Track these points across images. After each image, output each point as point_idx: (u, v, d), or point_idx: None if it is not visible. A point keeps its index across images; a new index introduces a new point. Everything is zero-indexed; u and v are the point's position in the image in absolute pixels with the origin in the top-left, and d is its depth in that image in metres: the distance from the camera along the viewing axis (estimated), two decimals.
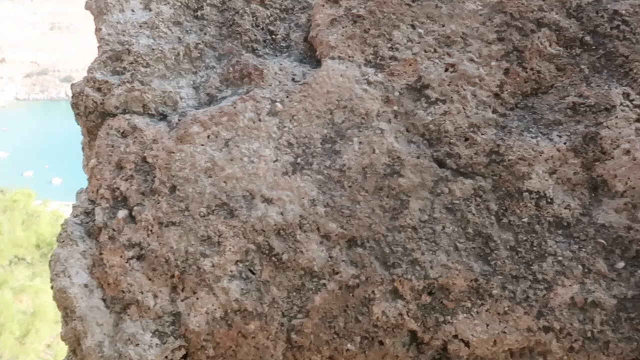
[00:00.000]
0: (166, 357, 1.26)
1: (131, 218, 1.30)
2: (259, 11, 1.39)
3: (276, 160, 1.28)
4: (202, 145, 1.29)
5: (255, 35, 1.39)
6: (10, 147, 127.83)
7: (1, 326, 8.55)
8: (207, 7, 1.41)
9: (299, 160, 1.28)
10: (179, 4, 1.41)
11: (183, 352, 1.26)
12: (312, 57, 1.37)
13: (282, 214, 1.26)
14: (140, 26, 1.38)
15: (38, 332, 8.99)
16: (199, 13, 1.41)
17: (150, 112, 1.34)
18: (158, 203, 1.28)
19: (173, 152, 1.29)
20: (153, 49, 1.36)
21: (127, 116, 1.34)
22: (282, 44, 1.39)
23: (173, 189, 1.28)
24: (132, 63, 1.35)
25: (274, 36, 1.39)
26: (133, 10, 1.40)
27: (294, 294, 1.25)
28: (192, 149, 1.29)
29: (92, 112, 1.36)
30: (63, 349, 10.82)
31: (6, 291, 9.00)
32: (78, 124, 1.43)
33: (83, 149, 1.49)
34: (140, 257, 1.28)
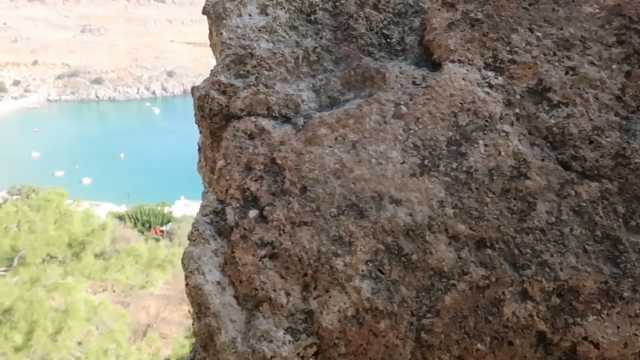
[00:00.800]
0: (298, 354, 1.29)
1: (262, 218, 1.33)
2: (373, 15, 1.41)
3: (403, 162, 1.30)
4: (330, 147, 1.32)
5: (370, 39, 1.41)
6: (42, 147, 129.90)
7: (34, 323, 8.69)
8: (320, 12, 1.44)
9: (425, 162, 1.30)
10: (293, 8, 1.44)
11: (315, 349, 1.29)
12: (428, 60, 1.39)
13: (411, 215, 1.28)
14: (260, 30, 1.41)
15: (70, 330, 9.11)
16: (312, 17, 1.44)
17: (274, 114, 1.37)
18: (289, 203, 1.31)
19: (302, 154, 1.32)
20: (274, 53, 1.39)
21: (253, 118, 1.37)
22: (397, 48, 1.41)
23: (304, 189, 1.31)
24: (255, 66, 1.38)
25: (388, 40, 1.41)
26: (250, 15, 1.44)
27: (423, 293, 1.27)
28: (320, 151, 1.32)
29: (216, 114, 1.39)
30: (94, 346, 10.95)
31: (39, 289, 9.14)
32: (199, 126, 1.46)
33: (200, 150, 1.52)
34: (272, 256, 1.31)
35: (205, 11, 1.48)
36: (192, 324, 1.36)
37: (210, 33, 1.53)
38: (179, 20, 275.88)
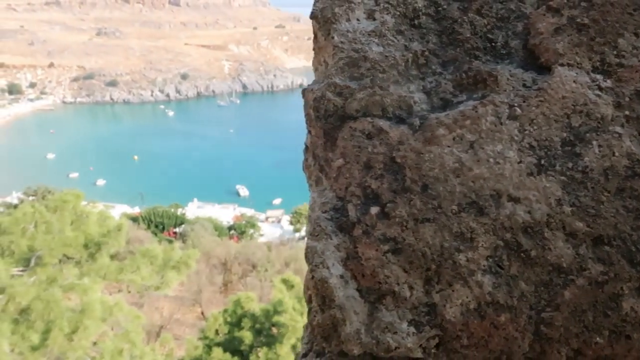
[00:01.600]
0: (421, 345, 1.34)
1: (384, 214, 1.37)
2: (477, 20, 1.46)
3: (520, 162, 1.35)
4: (449, 146, 1.37)
5: (476, 42, 1.45)
6: (57, 149, 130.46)
7: (51, 323, 8.76)
8: (423, 17, 1.48)
9: (542, 161, 1.34)
10: (398, 13, 1.48)
11: (437, 341, 1.34)
12: (533, 64, 1.43)
13: (529, 212, 1.33)
14: (369, 34, 1.46)
15: (86, 330, 9.17)
16: (416, 22, 1.48)
17: (388, 115, 1.43)
18: (411, 201, 1.36)
19: (422, 153, 1.37)
20: (386, 56, 1.44)
21: (369, 119, 1.42)
22: (502, 51, 1.45)
23: (425, 187, 1.36)
24: (369, 69, 1.44)
25: (493, 44, 1.45)
26: (358, 20, 1.48)
27: (542, 288, 1.32)
28: (439, 150, 1.37)
29: (331, 115, 1.44)
30: (109, 347, 11.01)
31: (56, 289, 9.21)
32: (309, 127, 1.51)
33: (306, 149, 1.57)
34: (395, 251, 1.36)
35: (313, 16, 1.53)
36: (312, 317, 1.41)
37: (315, 37, 1.58)
38: (193, 24, 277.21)
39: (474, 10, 1.45)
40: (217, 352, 12.50)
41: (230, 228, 57.72)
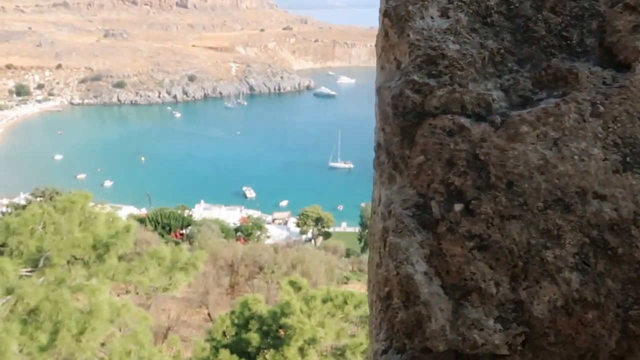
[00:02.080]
0: (507, 342, 1.35)
1: (468, 211, 1.38)
2: (551, 18, 1.46)
3: (605, 159, 1.35)
4: (533, 144, 1.38)
5: (551, 40, 1.46)
6: (64, 150, 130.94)
7: (59, 323, 8.76)
8: (495, 15, 1.49)
9: (627, 159, 1.35)
10: (471, 11, 1.49)
11: (523, 338, 1.35)
12: (610, 61, 1.43)
13: (616, 210, 1.33)
14: (445, 32, 1.47)
15: (94, 331, 9.17)
16: (488, 20, 1.49)
17: (467, 112, 1.43)
18: (496, 197, 1.36)
19: (505, 150, 1.38)
20: (464, 54, 1.45)
21: (449, 116, 1.42)
22: (577, 49, 1.45)
23: (510, 184, 1.37)
24: (448, 67, 1.44)
25: (568, 42, 1.46)
26: (432, 18, 1.49)
27: (629, 286, 1.32)
28: (523, 147, 1.38)
29: (409, 112, 1.44)
30: (117, 348, 11.02)
31: (64, 290, 9.23)
32: (384, 124, 1.51)
33: (379, 147, 1.58)
34: (481, 248, 1.37)
35: (386, 14, 1.54)
36: (393, 313, 1.41)
37: (386, 34, 1.59)
38: (201, 26, 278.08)
39: (548, 8, 1.46)
40: (225, 354, 12.49)
41: (236, 230, 57.79)
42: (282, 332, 12.96)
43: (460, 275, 1.35)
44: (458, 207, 1.37)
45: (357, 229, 70.48)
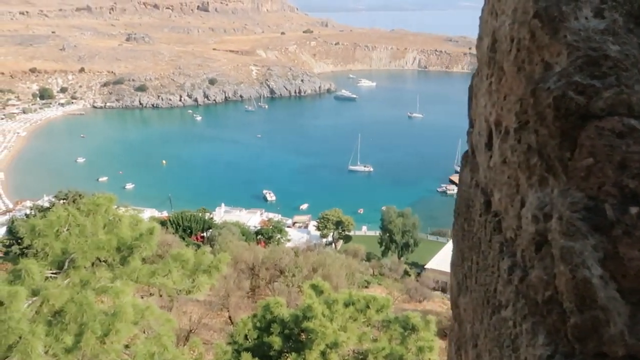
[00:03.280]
0: None
1: None
2: None
3: None
4: None
5: None
6: (87, 153, 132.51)
7: (84, 325, 8.82)
8: None
9: None
10: (624, 11, 1.47)
11: None
12: None
13: None
14: (602, 33, 1.44)
15: (118, 333, 9.21)
16: None
17: (634, 114, 1.39)
18: None
19: None
20: (626, 55, 1.41)
21: (617, 118, 1.39)
22: None
23: None
24: (612, 68, 1.41)
25: None
26: (587, 18, 1.47)
27: None
28: None
29: (572, 114, 1.42)
30: (141, 350, 11.07)
31: (89, 291, 9.29)
32: (541, 126, 1.50)
33: (529, 149, 1.57)
34: None
35: (537, 14, 1.52)
36: (564, 318, 1.40)
37: (533, 36, 1.57)
38: (222, 29, 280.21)
39: None
40: (246, 357, 12.49)
41: (257, 233, 58.11)
42: (304, 336, 12.94)
43: (638, 280, 1.31)
44: (634, 210, 1.32)
45: (377, 233, 70.51)
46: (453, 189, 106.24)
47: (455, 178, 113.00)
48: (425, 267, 53.24)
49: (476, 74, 1.87)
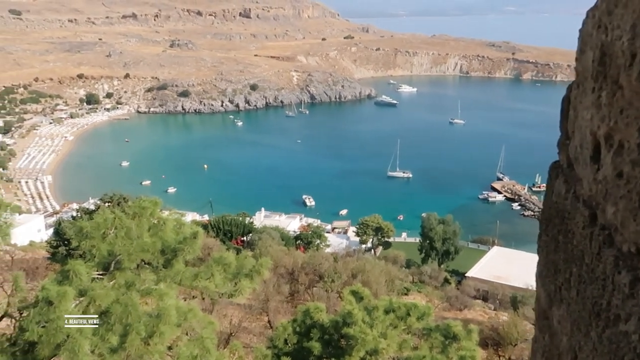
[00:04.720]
0: None
1: None
2: None
3: None
4: None
5: None
6: (131, 157, 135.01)
7: (129, 326, 8.95)
8: None
9: None
10: None
11: None
12: None
13: None
14: None
15: (162, 334, 9.32)
16: None
17: None
18: None
19: None
20: None
21: None
22: None
23: None
24: None
25: None
26: None
27: None
28: None
29: None
30: (184, 352, 11.16)
31: (134, 293, 9.43)
32: None
33: None
34: None
35: None
36: None
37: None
38: (263, 35, 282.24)
39: None
40: None
41: (296, 238, 58.17)
42: (343, 342, 12.89)
43: None
44: None
45: (417, 239, 69.82)
46: (495, 197, 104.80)
47: (498, 185, 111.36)
48: (466, 275, 52.44)
49: (575, 87, 1.84)
